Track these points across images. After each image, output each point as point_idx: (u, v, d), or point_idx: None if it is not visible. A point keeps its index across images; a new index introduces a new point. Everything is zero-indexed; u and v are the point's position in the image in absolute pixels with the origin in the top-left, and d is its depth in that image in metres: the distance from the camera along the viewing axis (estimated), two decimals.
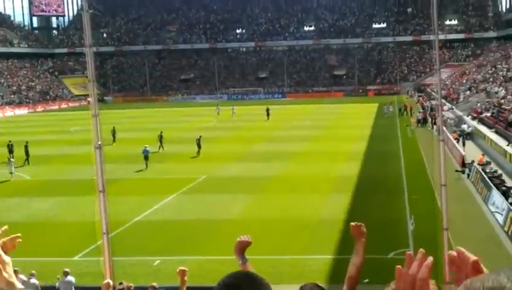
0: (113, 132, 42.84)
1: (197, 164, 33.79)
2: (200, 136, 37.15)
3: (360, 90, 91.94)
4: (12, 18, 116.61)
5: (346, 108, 67.78)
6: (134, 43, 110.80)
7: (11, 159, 31.92)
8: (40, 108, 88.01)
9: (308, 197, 24.75)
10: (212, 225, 21.19)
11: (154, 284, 12.95)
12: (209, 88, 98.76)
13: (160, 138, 38.61)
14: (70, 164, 34.34)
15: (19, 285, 2.04)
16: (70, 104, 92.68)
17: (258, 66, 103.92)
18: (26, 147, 35.71)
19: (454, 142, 34.45)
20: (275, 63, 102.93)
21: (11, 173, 30.93)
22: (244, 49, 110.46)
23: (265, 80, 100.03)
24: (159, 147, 38.20)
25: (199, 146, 36.37)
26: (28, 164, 35.03)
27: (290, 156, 34.99)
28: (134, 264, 17.19)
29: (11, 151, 36.94)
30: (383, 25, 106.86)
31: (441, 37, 72.75)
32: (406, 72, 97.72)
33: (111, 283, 7.83)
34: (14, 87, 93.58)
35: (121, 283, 12.55)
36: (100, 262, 13.89)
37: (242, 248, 3.45)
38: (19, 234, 2.07)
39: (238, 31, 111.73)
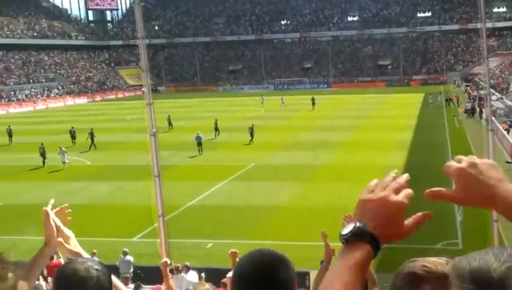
0: (169, 120, 44.62)
1: (246, 151, 34.50)
2: (253, 125, 37.85)
3: (405, 81, 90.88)
4: (69, 12, 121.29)
5: (391, 98, 67.08)
6: (184, 35, 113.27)
7: (63, 149, 31.62)
8: (98, 97, 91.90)
9: (354, 185, 24.63)
10: (261, 211, 21.80)
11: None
12: (256, 78, 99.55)
13: (216, 125, 39.86)
14: (128, 150, 35.55)
15: (85, 255, 2.27)
16: (126, 94, 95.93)
17: (303, 57, 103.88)
18: (91, 133, 36.93)
19: (505, 132, 33.52)
20: (319, 54, 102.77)
21: (64, 162, 31.02)
22: (289, 40, 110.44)
23: (310, 70, 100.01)
24: (216, 134, 39.60)
25: (252, 135, 37.09)
26: (89, 149, 36.31)
27: (336, 145, 35.25)
28: (188, 246, 17.88)
29: (73, 137, 38.55)
30: (428, 14, 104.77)
31: (489, 25, 70.65)
32: (453, 61, 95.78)
33: (168, 262, 8.55)
34: (74, 78, 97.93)
35: (170, 264, 13.39)
36: (156, 243, 14.73)
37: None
38: (66, 204, 2.35)
39: (283, 22, 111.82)
